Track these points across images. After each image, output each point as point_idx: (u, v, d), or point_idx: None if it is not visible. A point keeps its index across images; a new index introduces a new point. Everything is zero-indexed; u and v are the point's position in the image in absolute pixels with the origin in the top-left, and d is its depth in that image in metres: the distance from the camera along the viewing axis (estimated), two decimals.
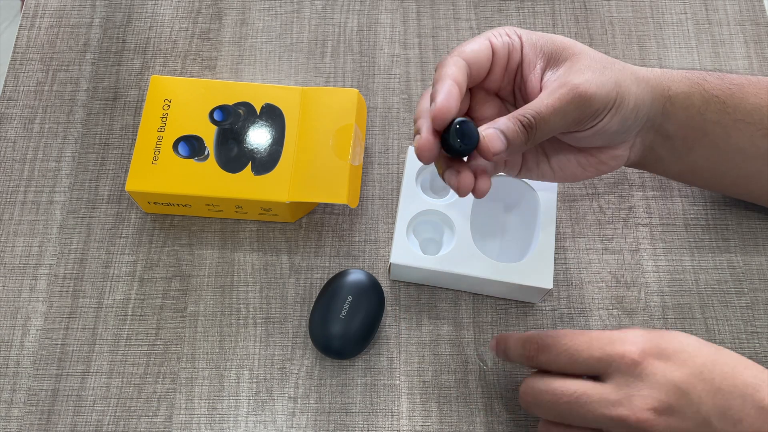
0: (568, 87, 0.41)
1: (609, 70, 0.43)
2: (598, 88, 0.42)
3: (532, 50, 0.44)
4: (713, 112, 0.48)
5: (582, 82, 0.42)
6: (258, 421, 0.49)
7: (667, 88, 0.47)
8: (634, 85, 0.45)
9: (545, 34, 0.45)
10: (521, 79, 0.45)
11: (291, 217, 0.54)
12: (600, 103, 0.42)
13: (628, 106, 0.44)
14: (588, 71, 0.42)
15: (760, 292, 0.54)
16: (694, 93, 0.47)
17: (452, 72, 0.41)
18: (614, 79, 0.43)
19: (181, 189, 0.52)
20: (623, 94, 0.44)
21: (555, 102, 0.41)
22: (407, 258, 0.50)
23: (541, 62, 0.44)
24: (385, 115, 0.60)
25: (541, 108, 0.41)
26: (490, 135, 0.40)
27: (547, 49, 0.44)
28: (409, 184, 0.53)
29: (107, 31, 0.63)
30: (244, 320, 0.52)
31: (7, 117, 0.59)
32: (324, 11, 0.64)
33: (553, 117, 0.41)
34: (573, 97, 0.41)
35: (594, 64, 0.43)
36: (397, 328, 0.52)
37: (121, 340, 0.51)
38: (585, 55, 0.43)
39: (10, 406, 0.49)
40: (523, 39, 0.44)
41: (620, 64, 0.45)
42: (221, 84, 0.55)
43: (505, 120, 0.41)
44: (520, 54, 0.44)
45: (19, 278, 0.53)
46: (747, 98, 0.48)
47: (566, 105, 0.41)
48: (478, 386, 0.50)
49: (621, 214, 0.56)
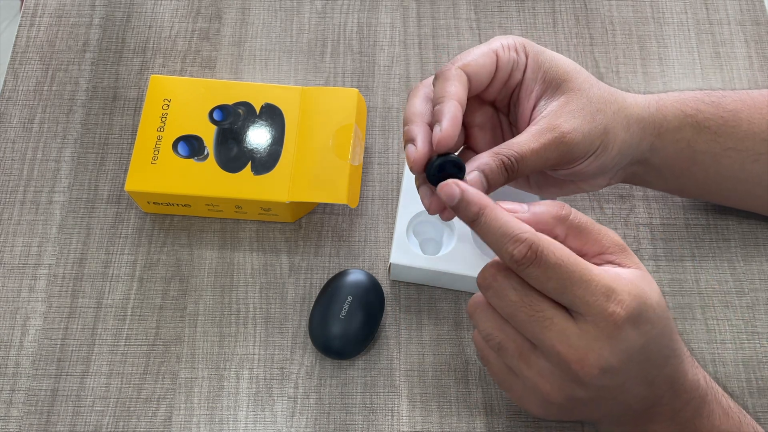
0: (555, 134, 0.41)
1: (601, 115, 0.43)
2: (583, 137, 0.42)
3: (534, 73, 0.43)
4: (703, 142, 0.47)
5: (570, 131, 0.41)
6: (258, 422, 0.49)
7: (659, 125, 0.46)
8: (624, 130, 0.44)
9: (552, 56, 0.44)
10: (517, 97, 0.45)
11: (291, 217, 0.54)
12: (581, 151, 0.42)
13: (611, 153, 0.44)
14: (579, 117, 0.42)
15: (760, 292, 0.54)
16: (685, 126, 0.47)
17: (455, 91, 0.41)
18: (603, 127, 0.43)
19: (180, 189, 0.52)
20: (608, 142, 0.43)
21: (539, 147, 0.41)
22: (407, 258, 0.50)
23: (538, 88, 0.43)
24: (385, 115, 0.60)
25: (525, 151, 0.41)
26: (473, 180, 0.40)
27: (549, 75, 0.43)
28: (409, 184, 0.53)
29: (107, 30, 0.62)
30: (244, 320, 0.52)
31: (7, 117, 0.59)
32: (324, 11, 0.64)
33: (534, 160, 0.41)
34: (558, 145, 0.41)
35: (588, 107, 0.42)
36: (397, 328, 0.52)
37: (120, 341, 0.51)
38: (582, 94, 0.43)
39: (9, 406, 0.49)
40: (529, 59, 0.43)
41: (616, 104, 0.44)
42: (221, 84, 0.55)
43: (488, 159, 0.40)
44: (522, 74, 0.44)
45: (19, 278, 0.53)
46: (740, 125, 0.48)
47: (549, 151, 0.41)
48: (478, 386, 0.50)
49: (621, 214, 0.56)
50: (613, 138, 0.44)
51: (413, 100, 0.43)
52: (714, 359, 0.51)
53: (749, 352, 0.52)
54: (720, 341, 0.52)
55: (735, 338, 0.52)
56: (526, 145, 0.41)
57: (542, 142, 0.41)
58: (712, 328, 0.52)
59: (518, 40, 0.44)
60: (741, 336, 0.52)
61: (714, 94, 0.49)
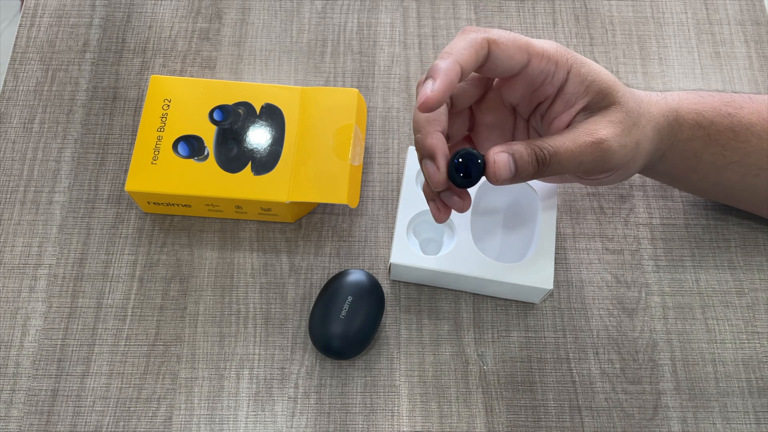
0: (594, 138, 0.40)
1: (636, 129, 0.42)
2: (620, 148, 0.41)
3: (576, 88, 0.41)
4: (709, 154, 0.47)
5: (608, 138, 0.40)
6: (258, 422, 0.49)
7: (674, 135, 0.46)
8: (650, 142, 0.44)
9: (595, 70, 0.42)
10: (548, 108, 0.43)
11: (291, 217, 0.54)
12: (616, 162, 0.41)
13: (636, 165, 0.44)
14: (618, 128, 0.41)
15: (760, 291, 0.54)
16: (696, 138, 0.46)
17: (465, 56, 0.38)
18: (636, 140, 0.42)
19: (180, 189, 0.52)
20: (637, 156, 0.43)
21: (576, 149, 0.40)
22: (407, 258, 0.50)
23: (581, 103, 0.42)
24: (385, 115, 0.60)
25: (561, 149, 0.39)
26: (501, 162, 0.38)
27: (594, 89, 0.41)
28: (409, 184, 0.53)
29: (107, 30, 0.62)
30: (244, 320, 0.52)
31: (7, 117, 0.59)
32: (324, 11, 0.64)
33: (568, 161, 0.40)
34: (594, 150, 0.40)
35: (626, 120, 0.41)
36: (397, 328, 0.52)
37: (120, 341, 0.51)
38: (622, 108, 0.41)
39: (9, 406, 0.49)
40: (570, 74, 0.41)
41: (647, 116, 0.43)
42: (221, 84, 0.55)
43: (522, 147, 0.39)
44: (556, 90, 0.42)
45: (19, 278, 0.53)
46: (749, 141, 0.47)
47: (586, 156, 0.40)
48: (478, 386, 0.50)
49: (621, 214, 0.56)
50: (642, 151, 0.43)
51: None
52: (714, 359, 0.51)
53: (749, 352, 0.52)
54: (720, 341, 0.52)
55: (735, 338, 0.52)
56: (562, 143, 0.40)
57: (579, 144, 0.40)
58: (712, 328, 0.52)
59: (560, 51, 0.41)
60: (741, 336, 0.52)
61: (733, 104, 0.47)
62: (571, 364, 0.51)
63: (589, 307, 0.53)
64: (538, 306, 0.53)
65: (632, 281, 0.54)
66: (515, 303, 0.53)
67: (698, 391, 0.50)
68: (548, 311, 0.53)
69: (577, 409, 0.50)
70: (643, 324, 0.52)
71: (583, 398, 0.50)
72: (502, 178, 0.39)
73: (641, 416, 0.50)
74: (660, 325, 0.52)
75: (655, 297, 0.53)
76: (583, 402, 0.50)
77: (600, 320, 0.53)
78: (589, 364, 0.51)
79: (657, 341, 0.52)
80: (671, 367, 0.51)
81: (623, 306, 0.53)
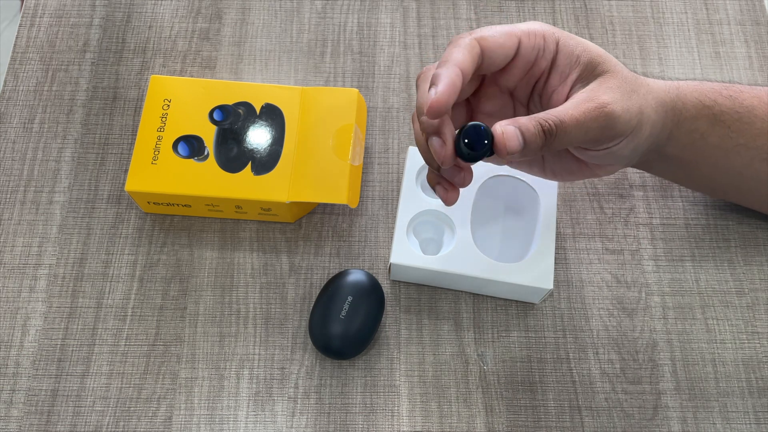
0: (596, 103, 0.40)
1: (636, 95, 0.42)
2: (624, 112, 0.41)
3: (568, 59, 0.42)
4: (716, 136, 0.47)
5: (610, 101, 0.40)
6: (258, 422, 0.49)
7: (679, 112, 0.46)
8: (654, 112, 0.44)
9: (583, 42, 0.43)
10: (545, 85, 0.44)
11: (291, 217, 0.54)
12: (622, 127, 0.41)
13: (644, 133, 0.43)
14: (618, 92, 0.41)
15: (760, 292, 0.54)
16: (701, 117, 0.46)
17: (461, 59, 0.39)
18: (638, 105, 0.42)
19: (180, 189, 0.52)
20: (642, 122, 0.43)
21: (580, 115, 0.40)
22: (407, 258, 0.50)
23: (575, 72, 0.42)
24: (385, 115, 0.60)
25: (565, 117, 0.39)
26: (509, 133, 0.38)
27: (585, 59, 0.42)
28: (409, 184, 0.53)
29: (107, 30, 0.62)
30: (244, 320, 0.52)
31: (7, 117, 0.59)
32: (324, 11, 0.64)
33: (574, 130, 0.40)
34: (599, 114, 0.40)
35: (624, 85, 0.42)
36: (397, 328, 0.52)
37: (120, 341, 0.51)
38: (617, 74, 0.42)
39: (9, 406, 0.49)
40: (559, 45, 0.42)
41: (646, 86, 0.44)
42: (221, 84, 0.55)
43: (527, 120, 0.39)
44: (549, 63, 0.43)
45: (19, 278, 0.53)
46: (754, 123, 0.47)
47: (591, 121, 0.40)
48: (478, 386, 0.50)
49: (621, 214, 0.56)
50: (647, 118, 0.43)
51: (423, 86, 0.41)
52: (714, 359, 0.51)
53: (749, 352, 0.52)
54: (720, 341, 0.52)
55: (735, 338, 0.52)
56: (565, 112, 0.40)
57: (583, 110, 0.40)
58: (712, 328, 0.52)
59: (545, 27, 0.42)
60: (741, 336, 0.52)
61: (732, 88, 0.48)
62: (571, 364, 0.51)
63: (589, 307, 0.53)
64: (538, 306, 0.53)
65: (632, 281, 0.54)
66: (515, 303, 0.53)
67: (698, 391, 0.50)
68: (548, 311, 0.53)
69: (577, 409, 0.50)
70: (643, 324, 0.52)
71: (583, 398, 0.50)
72: (512, 150, 0.38)
73: (641, 416, 0.50)
74: (660, 325, 0.52)
75: (655, 297, 0.53)
76: (583, 402, 0.50)
77: (600, 320, 0.53)
78: (589, 364, 0.51)
79: (657, 341, 0.52)
80: (671, 367, 0.51)
81: (623, 306, 0.53)
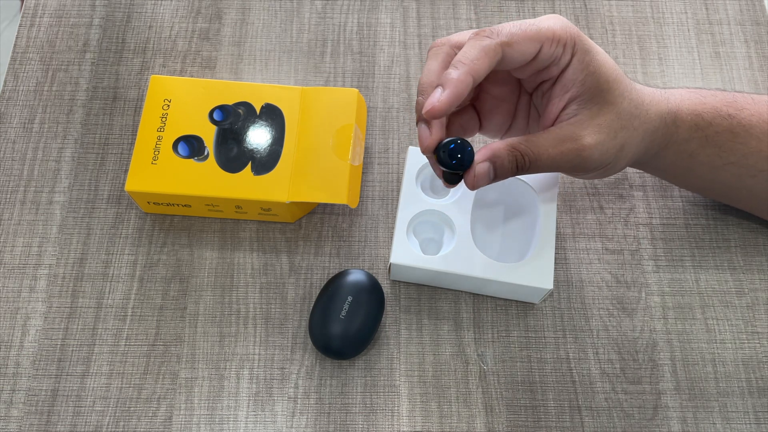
0: (576, 146, 0.41)
1: (624, 132, 0.42)
2: (600, 154, 0.42)
3: (575, 74, 0.42)
4: (706, 155, 0.47)
5: (591, 145, 0.41)
6: (258, 422, 0.49)
7: (670, 137, 0.46)
8: (639, 143, 0.44)
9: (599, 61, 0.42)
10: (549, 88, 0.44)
11: (291, 217, 0.54)
12: (594, 164, 0.43)
13: (618, 166, 0.45)
14: (604, 132, 0.42)
15: (760, 292, 0.54)
16: (693, 139, 0.46)
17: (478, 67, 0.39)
18: (621, 144, 0.43)
19: (180, 189, 0.52)
20: (620, 158, 0.44)
21: (558, 155, 0.41)
22: (407, 258, 0.50)
23: (575, 90, 0.42)
24: (385, 115, 0.60)
25: (543, 155, 0.41)
26: (481, 171, 0.41)
27: (590, 82, 0.42)
28: (409, 184, 0.53)
29: (107, 30, 0.62)
30: (244, 320, 0.52)
31: (7, 117, 0.59)
32: (324, 11, 0.64)
33: (547, 164, 0.42)
34: (575, 158, 0.41)
35: (615, 123, 0.42)
36: (397, 328, 0.52)
37: (120, 341, 0.51)
38: (613, 108, 0.42)
39: (9, 406, 0.49)
40: (574, 59, 0.42)
41: (641, 118, 0.43)
42: (221, 84, 0.55)
43: (503, 152, 0.41)
44: (560, 71, 0.42)
45: (19, 278, 0.53)
46: (748, 143, 0.47)
47: (564, 162, 0.42)
48: (478, 386, 0.50)
49: (621, 214, 0.56)
50: (626, 153, 0.44)
51: (431, 63, 0.41)
52: (714, 359, 0.51)
53: (749, 352, 0.52)
54: (720, 341, 0.52)
55: (735, 338, 0.52)
56: (544, 148, 0.41)
57: (561, 150, 0.41)
58: (712, 328, 0.52)
59: (567, 32, 0.41)
60: (741, 336, 0.52)
61: (734, 105, 0.47)
62: (571, 364, 0.51)
63: (589, 307, 0.53)
64: (538, 306, 0.53)
65: (632, 281, 0.54)
66: (515, 303, 0.53)
67: (698, 391, 0.50)
68: (548, 311, 0.53)
69: (577, 409, 0.50)
70: (643, 324, 0.52)
71: (583, 398, 0.50)
72: (480, 184, 0.41)
73: (641, 416, 0.50)
74: (660, 325, 0.52)
75: (655, 297, 0.53)
76: (583, 402, 0.50)
77: (600, 320, 0.53)
78: (589, 364, 0.51)
79: (657, 341, 0.52)
80: (671, 367, 0.51)
81: (623, 306, 0.53)
